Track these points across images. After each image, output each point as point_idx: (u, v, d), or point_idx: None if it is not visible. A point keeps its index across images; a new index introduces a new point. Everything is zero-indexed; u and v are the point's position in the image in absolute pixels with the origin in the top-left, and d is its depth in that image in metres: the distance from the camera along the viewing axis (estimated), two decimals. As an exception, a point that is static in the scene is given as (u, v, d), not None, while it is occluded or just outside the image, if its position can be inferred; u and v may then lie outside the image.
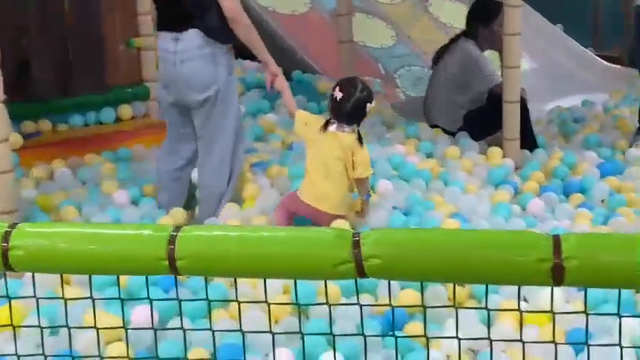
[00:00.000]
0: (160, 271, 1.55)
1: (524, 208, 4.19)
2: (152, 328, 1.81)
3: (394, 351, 2.56)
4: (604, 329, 2.66)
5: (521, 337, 1.70)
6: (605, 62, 7.53)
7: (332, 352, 2.48)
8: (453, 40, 5.41)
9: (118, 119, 5.30)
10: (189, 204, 4.12)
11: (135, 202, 4.16)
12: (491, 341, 1.72)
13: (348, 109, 3.64)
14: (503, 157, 4.81)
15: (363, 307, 1.68)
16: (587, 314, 1.57)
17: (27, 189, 4.25)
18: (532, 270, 1.40)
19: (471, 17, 5.33)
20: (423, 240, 1.48)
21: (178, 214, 3.94)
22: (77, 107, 5.19)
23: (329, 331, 2.75)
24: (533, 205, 4.16)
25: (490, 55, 5.54)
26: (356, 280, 1.52)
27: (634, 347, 2.13)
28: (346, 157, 3.64)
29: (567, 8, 8.53)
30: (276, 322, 2.87)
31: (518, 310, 1.53)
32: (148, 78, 5.39)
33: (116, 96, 5.30)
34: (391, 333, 2.60)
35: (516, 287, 1.53)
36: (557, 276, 1.40)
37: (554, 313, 1.54)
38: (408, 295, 2.90)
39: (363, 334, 1.81)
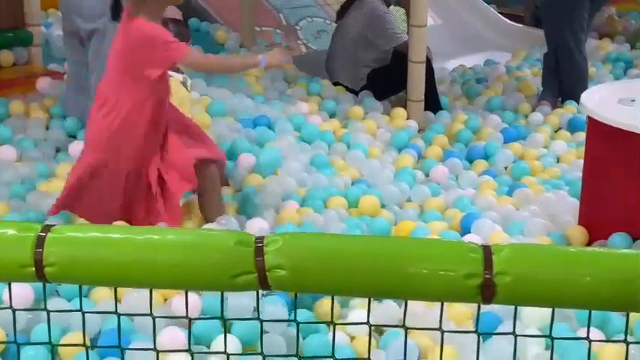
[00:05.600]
0: (25, 278, 1.31)
1: (427, 175, 4.07)
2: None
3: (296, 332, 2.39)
4: (510, 314, 2.54)
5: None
6: (507, 21, 7.47)
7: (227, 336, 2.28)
8: (359, -5, 5.19)
9: (-3, 66, 4.89)
10: None
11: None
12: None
13: None
14: (407, 118, 4.68)
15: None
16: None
17: None
18: (459, 287, 1.24)
19: (379, -29, 5.12)
20: (337, 249, 1.28)
21: None
22: (-49, 51, 4.76)
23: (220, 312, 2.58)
24: (437, 171, 4.04)
25: (396, 11, 5.37)
26: (257, 293, 1.32)
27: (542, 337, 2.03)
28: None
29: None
30: (165, 300, 2.64)
31: (440, 328, 1.36)
32: (31, 22, 4.98)
33: (-5, 40, 4.88)
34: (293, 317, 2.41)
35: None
36: (486, 294, 1.24)
37: (479, 334, 1.39)
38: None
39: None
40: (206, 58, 3.38)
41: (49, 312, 1.41)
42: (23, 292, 2.54)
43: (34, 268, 1.30)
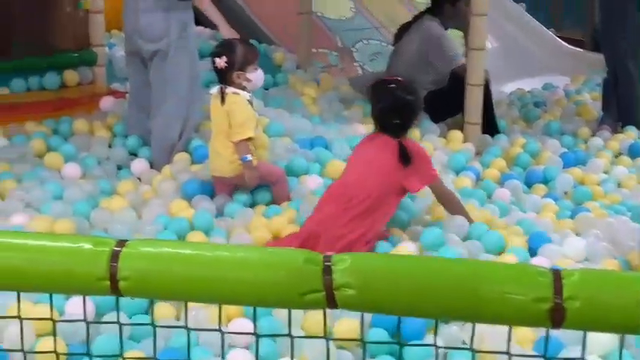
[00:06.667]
0: (99, 291, 1.34)
1: (489, 196, 4.04)
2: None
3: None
4: (575, 340, 2.51)
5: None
6: (566, 44, 7.41)
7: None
8: (417, 18, 5.22)
9: (62, 85, 5.01)
10: None
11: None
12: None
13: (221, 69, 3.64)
14: (464, 141, 4.66)
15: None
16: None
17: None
18: (528, 310, 1.23)
19: (438, -6, 5.14)
20: (406, 269, 1.29)
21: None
22: (19, 70, 4.89)
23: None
24: (499, 193, 4.01)
25: (453, 34, 5.37)
26: (324, 311, 1.33)
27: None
28: (224, 121, 3.62)
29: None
30: (229, 321, 2.66)
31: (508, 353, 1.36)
32: (95, 42, 5.10)
33: (61, 60, 5.01)
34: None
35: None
36: (556, 318, 1.23)
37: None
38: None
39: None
40: (447, 189, 3.58)
41: (121, 325, 1.44)
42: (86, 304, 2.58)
43: (109, 282, 1.33)
